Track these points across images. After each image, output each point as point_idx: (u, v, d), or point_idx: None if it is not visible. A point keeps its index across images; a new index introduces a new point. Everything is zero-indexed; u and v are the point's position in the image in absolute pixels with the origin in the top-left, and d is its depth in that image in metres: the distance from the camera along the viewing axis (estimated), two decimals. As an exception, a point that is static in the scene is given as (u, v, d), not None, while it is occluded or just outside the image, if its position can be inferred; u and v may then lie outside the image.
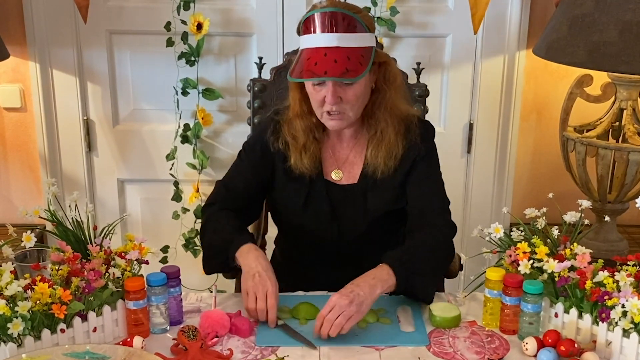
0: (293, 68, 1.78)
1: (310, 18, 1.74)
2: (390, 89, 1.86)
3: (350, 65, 1.71)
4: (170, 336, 1.66)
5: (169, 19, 2.59)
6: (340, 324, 1.61)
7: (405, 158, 1.89)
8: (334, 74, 1.70)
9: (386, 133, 1.86)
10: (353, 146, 1.94)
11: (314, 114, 1.87)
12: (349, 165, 1.94)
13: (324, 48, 1.73)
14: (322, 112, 1.82)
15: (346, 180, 1.93)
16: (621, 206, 2.53)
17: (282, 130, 1.92)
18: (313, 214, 1.93)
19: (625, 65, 2.11)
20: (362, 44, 1.75)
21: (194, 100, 2.70)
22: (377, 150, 1.87)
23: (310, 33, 1.75)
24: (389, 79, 1.86)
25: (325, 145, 1.94)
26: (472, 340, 1.67)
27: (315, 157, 1.91)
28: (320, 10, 1.73)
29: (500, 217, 2.80)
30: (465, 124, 2.82)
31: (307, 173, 1.90)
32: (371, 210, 1.91)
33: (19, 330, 1.46)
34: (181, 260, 2.75)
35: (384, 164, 1.87)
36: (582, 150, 2.44)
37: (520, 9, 2.66)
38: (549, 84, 2.76)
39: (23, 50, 2.68)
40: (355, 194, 1.92)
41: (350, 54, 1.72)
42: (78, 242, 1.74)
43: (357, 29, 1.74)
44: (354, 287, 1.66)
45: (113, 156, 2.84)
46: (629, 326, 1.50)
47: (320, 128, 1.90)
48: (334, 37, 1.72)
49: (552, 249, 1.70)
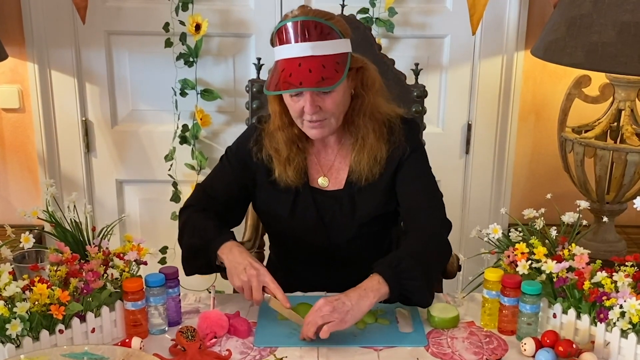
0: (269, 81, 1.75)
1: (283, 28, 1.72)
2: (369, 94, 1.83)
3: (326, 73, 1.69)
4: (169, 337, 1.66)
5: (168, 20, 2.59)
6: (315, 324, 1.59)
7: (390, 160, 1.86)
8: (310, 83, 1.68)
9: (367, 139, 1.84)
10: (338, 152, 1.92)
11: (295, 125, 1.84)
12: (334, 172, 1.92)
13: (298, 58, 1.70)
14: (302, 121, 1.79)
15: (332, 186, 1.91)
16: (619, 207, 2.53)
17: (264, 143, 1.89)
18: (300, 222, 1.91)
19: (623, 66, 2.11)
20: (336, 51, 1.72)
21: (192, 101, 2.70)
22: (360, 157, 1.85)
23: (284, 44, 1.72)
24: (367, 83, 1.83)
25: (310, 153, 1.92)
26: (471, 340, 1.67)
27: (300, 168, 1.88)
28: (292, 19, 1.70)
29: (499, 218, 2.80)
30: (463, 124, 2.82)
31: (293, 184, 1.88)
32: (359, 215, 1.89)
33: (17, 331, 1.46)
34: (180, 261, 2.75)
35: (369, 170, 1.85)
36: (580, 151, 2.44)
37: (518, 10, 2.67)
38: (547, 85, 2.76)
39: (21, 50, 2.68)
40: (342, 200, 1.90)
41: (325, 62, 1.70)
42: (76, 243, 1.74)
43: (331, 35, 1.71)
44: (342, 296, 1.63)
45: (111, 157, 2.84)
46: (627, 327, 1.51)
47: (303, 137, 1.87)
48: (307, 46, 1.69)
49: (551, 249, 1.71)
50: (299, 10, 1.75)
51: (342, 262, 1.91)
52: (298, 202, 1.90)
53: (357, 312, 1.62)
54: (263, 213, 1.99)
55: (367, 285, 1.65)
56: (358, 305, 1.62)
